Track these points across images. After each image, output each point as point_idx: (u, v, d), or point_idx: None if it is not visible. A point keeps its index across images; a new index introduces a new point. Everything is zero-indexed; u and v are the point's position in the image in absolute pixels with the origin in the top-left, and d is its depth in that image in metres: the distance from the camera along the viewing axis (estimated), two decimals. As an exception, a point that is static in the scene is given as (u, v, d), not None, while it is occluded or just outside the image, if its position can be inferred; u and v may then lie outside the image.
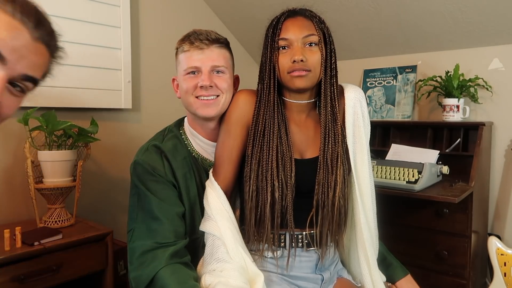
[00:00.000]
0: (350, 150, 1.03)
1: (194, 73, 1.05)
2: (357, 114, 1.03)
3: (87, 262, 1.44)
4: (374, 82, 2.28)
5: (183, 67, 1.06)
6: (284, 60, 0.95)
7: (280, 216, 0.96)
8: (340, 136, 1.00)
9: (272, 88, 0.99)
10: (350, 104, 1.03)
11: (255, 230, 0.98)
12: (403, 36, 2.08)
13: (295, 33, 0.94)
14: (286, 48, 0.95)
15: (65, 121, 1.51)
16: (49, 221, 1.51)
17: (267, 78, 0.99)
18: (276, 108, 0.99)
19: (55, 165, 1.49)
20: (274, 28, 0.97)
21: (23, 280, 1.25)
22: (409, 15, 1.92)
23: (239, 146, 1.03)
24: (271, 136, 0.97)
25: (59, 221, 1.52)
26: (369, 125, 1.07)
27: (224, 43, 1.08)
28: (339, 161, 0.98)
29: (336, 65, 1.00)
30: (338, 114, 1.00)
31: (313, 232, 1.01)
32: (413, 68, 2.15)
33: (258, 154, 0.97)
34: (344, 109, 1.03)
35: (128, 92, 1.96)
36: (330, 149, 0.99)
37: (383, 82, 2.25)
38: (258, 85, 1.04)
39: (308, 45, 0.94)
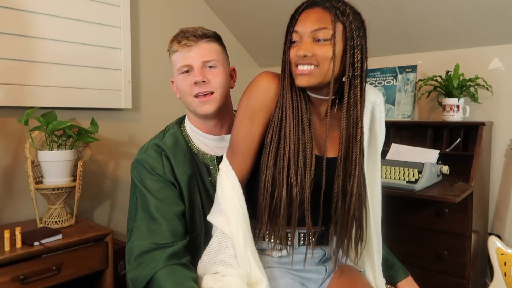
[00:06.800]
0: (364, 155, 0.98)
1: (187, 72, 1.06)
2: (375, 119, 0.99)
3: (87, 262, 1.44)
4: (374, 82, 2.28)
5: (176, 67, 1.08)
6: (292, 54, 0.90)
7: (298, 213, 0.92)
8: (359, 142, 0.93)
9: (287, 81, 0.93)
10: (369, 107, 0.98)
11: (269, 226, 0.93)
12: (403, 36, 2.08)
13: (305, 27, 0.88)
14: (297, 42, 0.90)
15: (65, 121, 1.51)
16: (49, 221, 1.51)
17: (283, 70, 0.94)
18: (296, 99, 0.93)
19: (55, 165, 1.49)
20: (292, 18, 0.91)
21: (23, 280, 1.25)
22: (409, 15, 1.92)
23: (262, 134, 0.95)
24: (292, 126, 0.91)
25: (59, 221, 1.52)
26: (384, 131, 1.03)
27: (212, 37, 1.08)
28: (357, 170, 0.92)
29: (361, 64, 0.91)
30: (359, 119, 0.92)
31: (322, 230, 0.99)
32: (413, 68, 2.15)
33: (277, 143, 0.92)
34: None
35: (128, 92, 1.96)
36: (348, 155, 0.93)
37: (383, 81, 2.25)
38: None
39: (317, 40, 0.87)
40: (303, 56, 0.86)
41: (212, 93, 1.06)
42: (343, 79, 0.92)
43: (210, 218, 0.97)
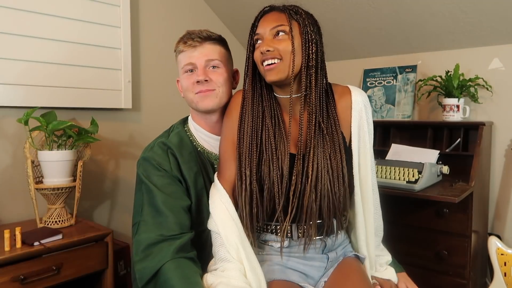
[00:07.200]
0: (354, 154, 1.03)
1: (191, 71, 1.10)
2: (363, 118, 1.04)
3: (87, 262, 1.44)
4: (374, 82, 2.28)
5: (181, 66, 1.12)
6: (257, 54, 0.99)
7: (283, 209, 0.96)
8: (313, 126, 0.97)
9: (250, 83, 1.03)
10: (356, 108, 1.03)
11: (249, 222, 0.98)
12: (403, 36, 2.08)
13: (264, 27, 0.98)
14: (259, 42, 0.99)
15: (65, 121, 1.51)
16: (49, 221, 1.51)
17: (246, 73, 1.05)
18: (261, 97, 1.03)
19: (55, 165, 1.49)
20: (252, 26, 1.03)
21: (23, 280, 1.25)
22: (409, 15, 1.92)
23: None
24: (263, 128, 1.00)
25: (59, 221, 1.52)
26: (372, 130, 1.07)
27: (217, 39, 1.12)
28: (311, 152, 0.96)
29: (318, 55, 0.98)
30: (314, 104, 0.98)
31: (320, 222, 1.00)
32: (413, 68, 2.15)
33: (243, 147, 1.00)
34: (351, 112, 1.03)
35: (128, 92, 1.96)
36: (307, 140, 0.97)
37: (383, 82, 2.25)
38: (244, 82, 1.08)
39: (276, 35, 0.96)
40: (266, 51, 0.95)
41: (214, 90, 1.09)
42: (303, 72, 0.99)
43: (207, 225, 1.02)
